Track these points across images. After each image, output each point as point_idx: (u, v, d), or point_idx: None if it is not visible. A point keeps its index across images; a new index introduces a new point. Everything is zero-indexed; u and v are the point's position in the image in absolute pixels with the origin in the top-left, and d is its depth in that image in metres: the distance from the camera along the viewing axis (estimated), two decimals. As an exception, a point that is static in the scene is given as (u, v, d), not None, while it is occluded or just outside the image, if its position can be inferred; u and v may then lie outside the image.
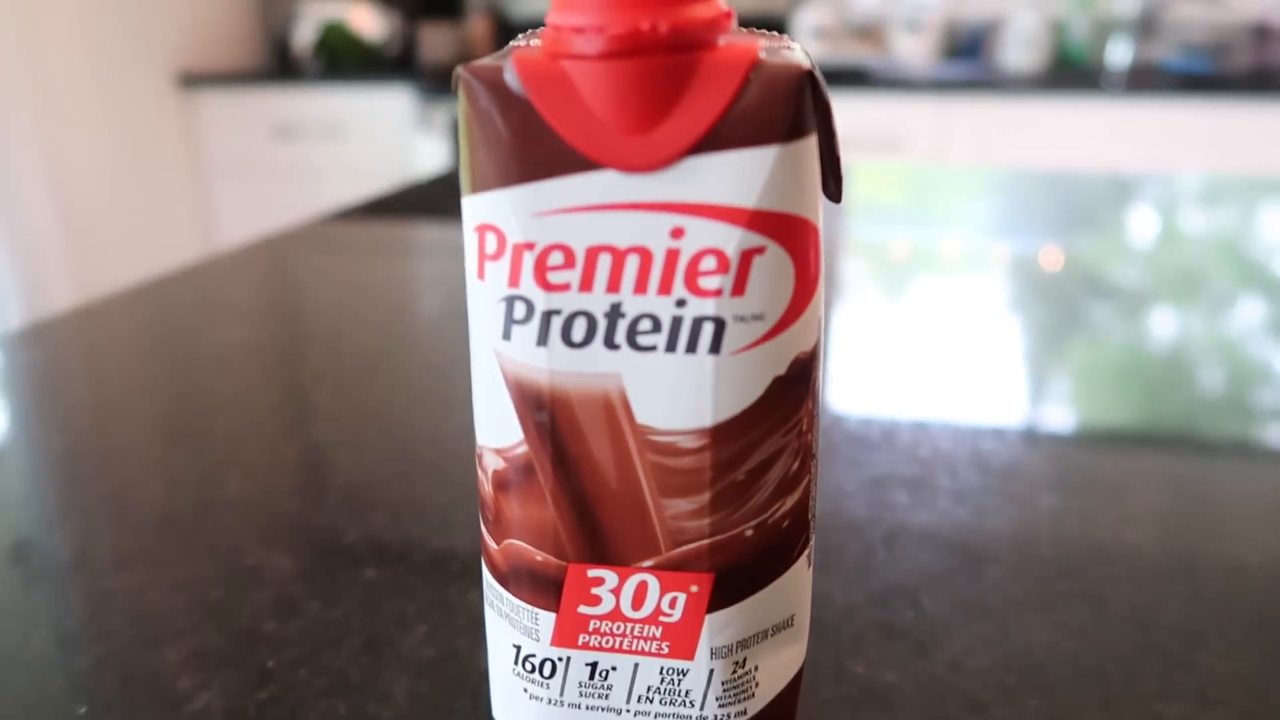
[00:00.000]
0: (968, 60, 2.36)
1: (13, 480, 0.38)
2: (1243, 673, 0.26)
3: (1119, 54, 2.26)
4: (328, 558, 0.32)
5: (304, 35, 2.49)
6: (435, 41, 2.54)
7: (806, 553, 0.21)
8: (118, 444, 0.41)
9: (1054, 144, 1.98)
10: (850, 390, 0.45)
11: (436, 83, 2.25)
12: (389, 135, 2.33)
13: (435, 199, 0.94)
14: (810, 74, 0.17)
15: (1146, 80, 2.00)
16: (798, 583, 0.21)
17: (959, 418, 0.42)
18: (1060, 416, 0.43)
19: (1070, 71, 2.24)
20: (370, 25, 2.49)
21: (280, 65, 2.68)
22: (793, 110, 0.17)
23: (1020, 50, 2.23)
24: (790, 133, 0.17)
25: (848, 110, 2.06)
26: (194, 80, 2.41)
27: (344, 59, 2.49)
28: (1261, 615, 0.28)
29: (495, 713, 0.23)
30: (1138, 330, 0.54)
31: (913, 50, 2.31)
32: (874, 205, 0.93)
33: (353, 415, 0.43)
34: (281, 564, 0.32)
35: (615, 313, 0.18)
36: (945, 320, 0.56)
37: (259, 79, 2.40)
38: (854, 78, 2.09)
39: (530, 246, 0.18)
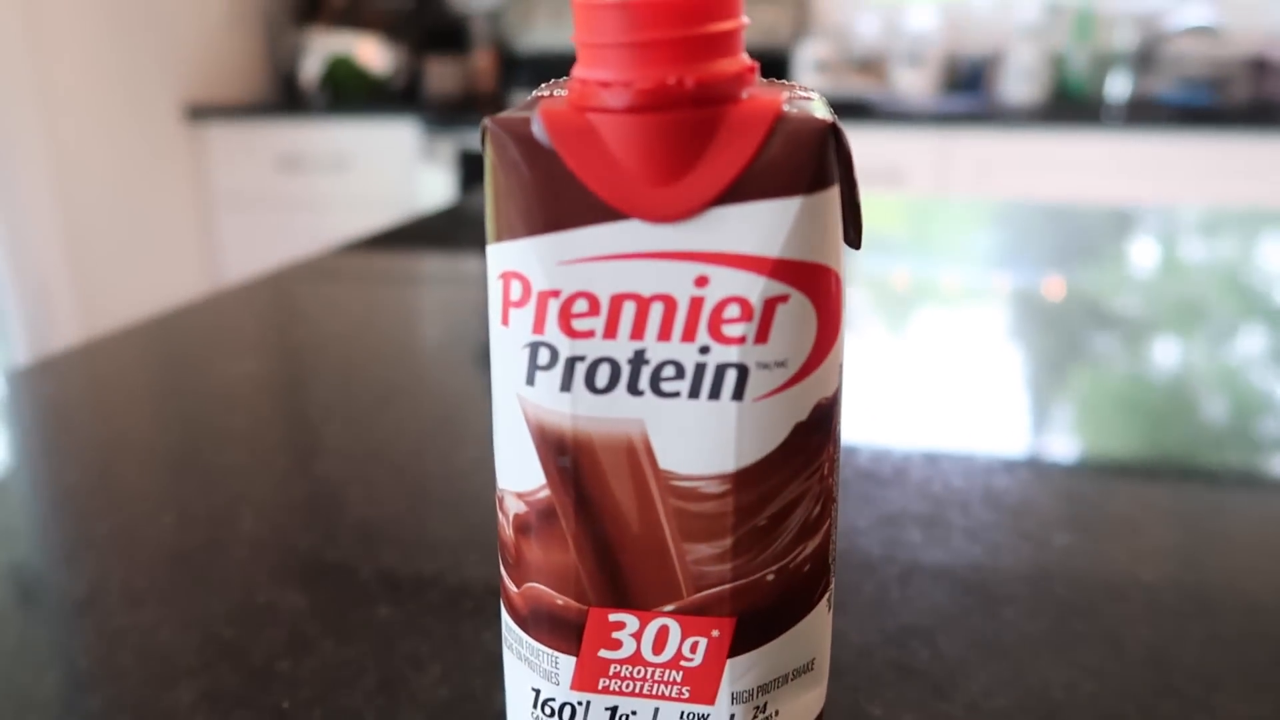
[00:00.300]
0: (968, 93, 2.38)
1: (24, 516, 0.38)
2: (1262, 715, 0.26)
3: (1118, 87, 2.28)
4: (341, 595, 0.32)
5: (311, 68, 2.52)
6: (440, 74, 2.57)
7: (827, 596, 0.21)
8: (128, 480, 0.41)
9: (1054, 176, 1.99)
10: (860, 424, 0.45)
11: (442, 115, 2.27)
12: (394, 167, 2.35)
13: (443, 231, 0.95)
14: (833, 126, 0.17)
15: (1145, 113, 2.01)
16: (818, 626, 0.21)
17: (969, 452, 0.42)
18: (1069, 449, 0.43)
19: (1070, 104, 2.26)
20: (376, 58, 2.52)
21: (287, 98, 2.70)
22: (816, 162, 0.17)
23: (1020, 83, 2.25)
24: (813, 184, 0.17)
25: (850, 143, 2.07)
26: (201, 112, 2.43)
27: (350, 92, 2.51)
28: (1279, 655, 0.28)
29: None
30: (1141, 361, 0.54)
31: (914, 83, 2.33)
32: (877, 238, 0.94)
33: (363, 450, 0.43)
34: (294, 602, 0.32)
35: (639, 359, 0.18)
36: (952, 353, 0.56)
37: (266, 111, 2.43)
38: (856, 110, 2.11)
39: (555, 294, 0.18)
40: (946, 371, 0.53)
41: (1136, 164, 1.95)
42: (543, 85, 0.20)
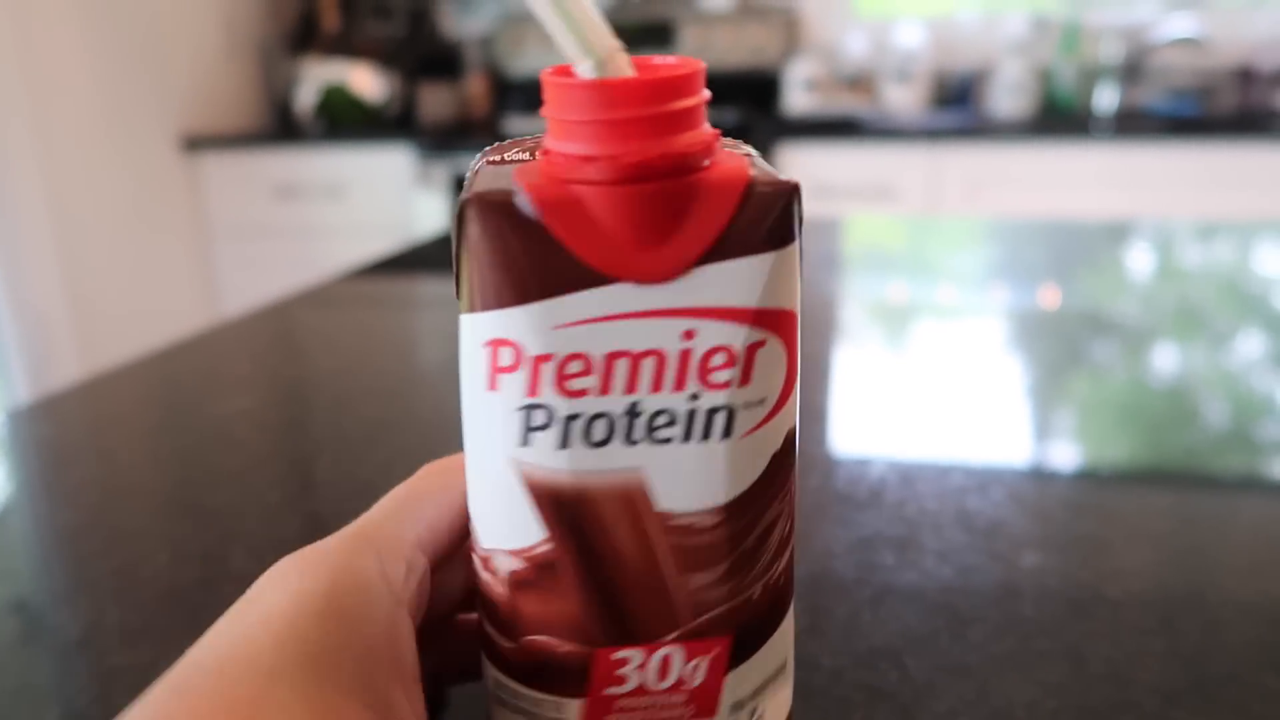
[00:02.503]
0: (957, 109, 2.40)
1: (21, 556, 0.39)
2: (1217, 729, 0.27)
3: (1106, 99, 2.30)
4: (329, 630, 0.33)
5: (305, 97, 2.54)
6: (434, 101, 2.59)
7: (792, 601, 0.23)
8: (124, 519, 0.42)
9: (1044, 189, 2.01)
10: (840, 444, 0.46)
11: (436, 141, 2.29)
12: (390, 193, 2.36)
13: (440, 258, 0.96)
14: (796, 188, 0.19)
15: (1133, 125, 2.03)
16: (788, 630, 0.23)
17: (948, 470, 0.43)
18: (1042, 475, 0.44)
19: (1058, 117, 2.27)
20: (370, 87, 2.54)
21: (282, 127, 2.73)
22: (785, 220, 0.19)
23: (1009, 98, 2.27)
24: (783, 240, 0.19)
25: (840, 160, 2.09)
26: (197, 142, 2.46)
27: (345, 120, 2.54)
28: (1234, 670, 0.29)
29: None
30: (1125, 373, 0.55)
31: (903, 100, 2.36)
32: (871, 256, 0.95)
33: (352, 487, 0.44)
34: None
35: (633, 411, 0.19)
36: (942, 368, 0.57)
37: (261, 140, 2.45)
38: (845, 128, 2.13)
39: (549, 358, 0.19)
40: (935, 387, 0.54)
41: (1125, 175, 1.96)
42: (485, 151, 0.21)
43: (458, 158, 2.28)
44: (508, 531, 0.20)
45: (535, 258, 0.18)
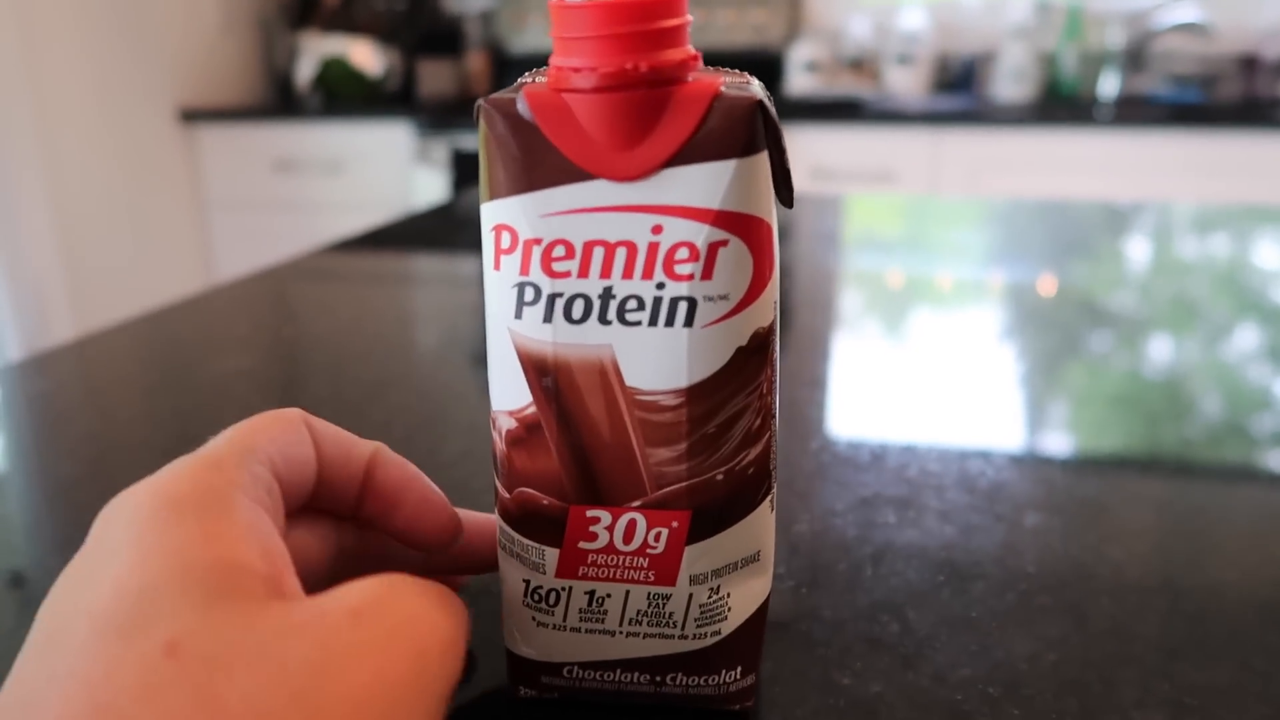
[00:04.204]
0: (959, 93, 2.39)
1: (19, 509, 0.39)
2: (1219, 683, 0.27)
3: (1109, 86, 2.30)
4: (328, 578, 0.33)
5: (304, 71, 2.52)
6: (434, 76, 2.58)
7: (769, 499, 0.24)
8: (125, 472, 0.42)
9: (1045, 175, 2.00)
10: (842, 413, 0.46)
11: (435, 117, 2.28)
12: (388, 169, 2.35)
13: (432, 231, 0.96)
14: (760, 103, 0.21)
15: (1136, 112, 2.03)
16: (762, 523, 0.24)
17: (948, 441, 0.43)
18: (1046, 441, 0.44)
19: (1061, 103, 2.27)
20: (370, 61, 2.53)
21: (281, 100, 2.71)
22: (748, 131, 0.21)
23: (1011, 83, 2.26)
24: (746, 149, 0.21)
25: (841, 142, 2.08)
26: (195, 115, 2.44)
27: (343, 93, 2.52)
28: (1237, 629, 0.29)
29: (507, 643, 0.26)
30: (1123, 357, 0.55)
31: (905, 83, 2.35)
32: (869, 237, 0.95)
33: (353, 441, 0.44)
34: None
35: (607, 294, 0.21)
36: (938, 347, 0.57)
37: (260, 114, 2.43)
38: (847, 110, 2.12)
39: (538, 241, 0.21)
40: (935, 366, 0.54)
41: (1127, 162, 1.96)
42: (526, 74, 0.24)
43: (457, 135, 2.27)
44: (506, 394, 0.23)
45: (530, 154, 0.21)
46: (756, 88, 0.22)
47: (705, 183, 0.21)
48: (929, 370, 0.53)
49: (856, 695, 0.26)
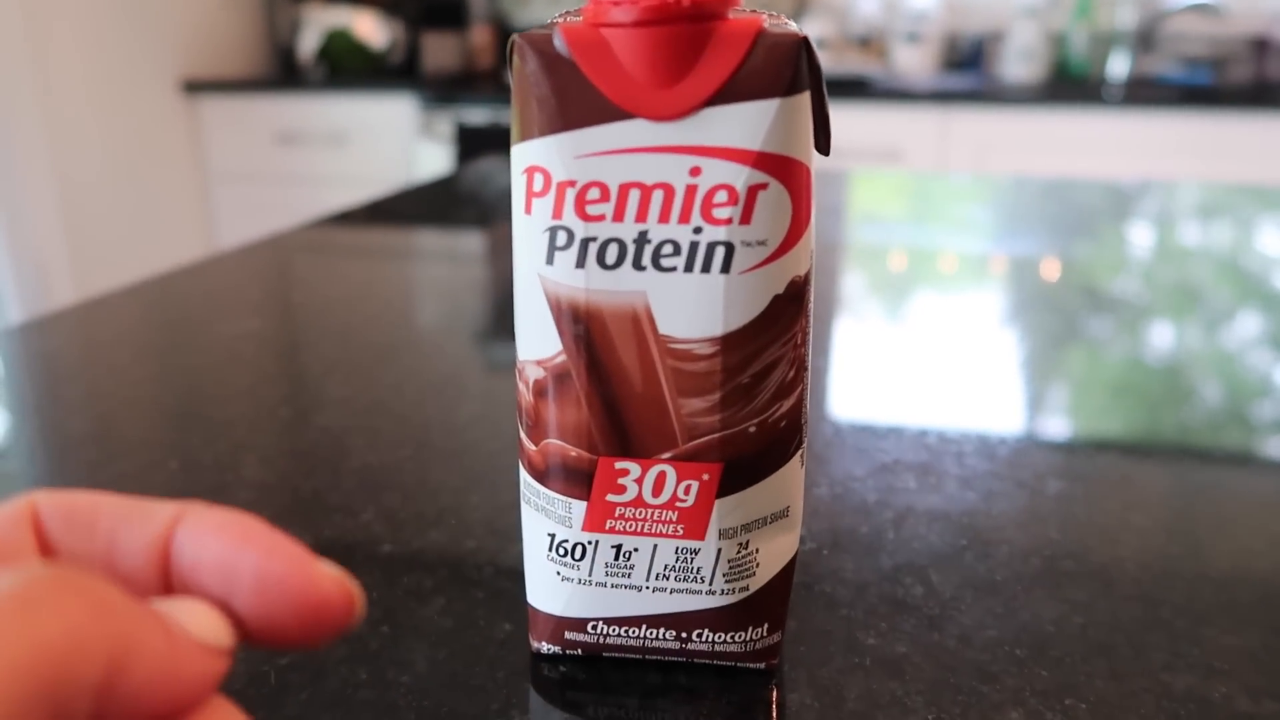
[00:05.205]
0: (968, 71, 2.37)
1: (32, 462, 0.39)
2: (1248, 647, 0.26)
3: (1118, 66, 2.28)
4: (345, 535, 0.32)
5: (308, 43, 2.50)
6: (438, 50, 2.55)
7: (800, 453, 0.24)
8: (135, 429, 0.42)
9: (1053, 155, 1.99)
10: (859, 388, 0.46)
11: (440, 90, 2.26)
12: (392, 142, 2.34)
13: (436, 202, 0.95)
14: (805, 41, 0.20)
15: (1145, 93, 2.01)
16: (793, 478, 0.24)
17: (966, 417, 0.43)
18: (1062, 416, 0.43)
19: (1070, 83, 2.25)
20: (373, 33, 2.51)
21: (284, 72, 2.69)
22: (791, 70, 0.20)
23: (1020, 62, 2.24)
24: (789, 88, 0.20)
25: (849, 120, 2.07)
26: (198, 87, 2.42)
27: (347, 65, 2.50)
28: (1266, 594, 0.29)
29: (530, 599, 0.25)
30: (1134, 339, 0.54)
31: (913, 61, 2.33)
32: (876, 214, 0.94)
33: (364, 404, 0.43)
34: (299, 540, 0.32)
35: (642, 239, 0.21)
36: (949, 325, 0.56)
37: (263, 86, 2.41)
38: (855, 88, 2.10)
39: (572, 184, 0.21)
40: (945, 343, 0.53)
41: (1136, 143, 1.95)
42: (559, 13, 0.23)
43: (461, 108, 2.25)
44: (534, 342, 0.22)
45: (565, 92, 0.20)
46: (796, 27, 0.21)
47: (747, 122, 0.20)
48: (942, 344, 0.52)
49: (882, 655, 0.26)
